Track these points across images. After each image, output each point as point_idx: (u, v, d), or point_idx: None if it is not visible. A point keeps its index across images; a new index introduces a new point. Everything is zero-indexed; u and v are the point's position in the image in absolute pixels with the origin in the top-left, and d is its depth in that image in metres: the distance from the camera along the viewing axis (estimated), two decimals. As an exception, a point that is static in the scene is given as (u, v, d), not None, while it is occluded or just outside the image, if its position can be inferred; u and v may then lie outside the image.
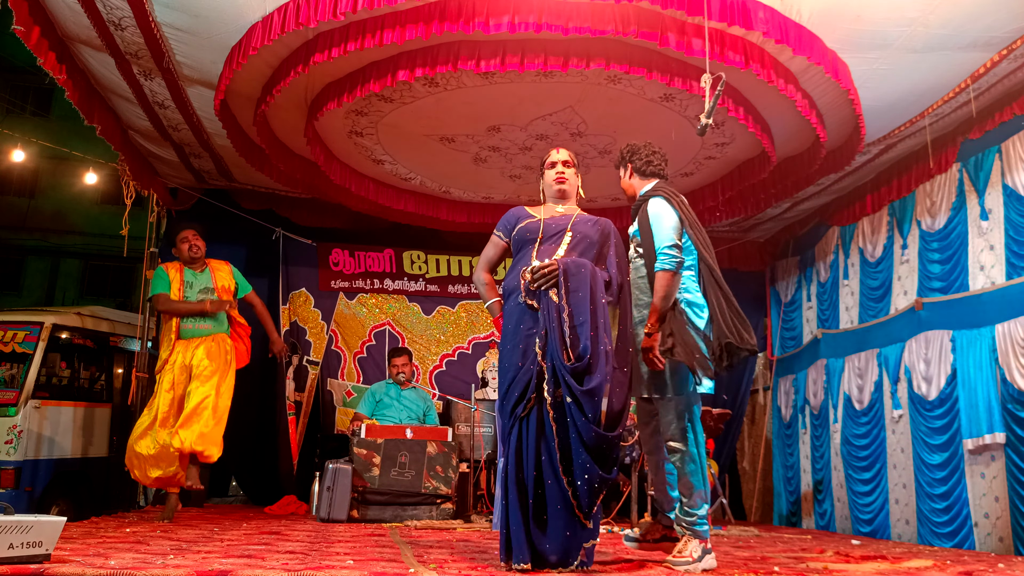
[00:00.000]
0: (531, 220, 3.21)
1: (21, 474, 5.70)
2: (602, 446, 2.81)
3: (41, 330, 6.13)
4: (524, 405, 2.91)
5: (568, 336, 2.87)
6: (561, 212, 3.25)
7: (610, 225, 3.22)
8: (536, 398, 2.91)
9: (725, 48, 4.22)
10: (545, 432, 2.88)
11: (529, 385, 2.92)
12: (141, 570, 2.51)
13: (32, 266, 15.39)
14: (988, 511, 4.92)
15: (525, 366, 2.95)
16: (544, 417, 2.89)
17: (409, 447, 5.55)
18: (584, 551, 2.88)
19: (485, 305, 3.30)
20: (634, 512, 5.62)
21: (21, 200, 15.08)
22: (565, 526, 2.83)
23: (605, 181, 6.63)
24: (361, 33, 4.23)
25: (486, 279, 3.29)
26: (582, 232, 3.12)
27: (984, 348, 4.99)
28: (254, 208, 7.34)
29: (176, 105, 5.36)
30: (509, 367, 2.99)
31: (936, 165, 5.59)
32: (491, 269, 3.31)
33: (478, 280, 3.33)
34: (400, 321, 7.64)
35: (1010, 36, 4.26)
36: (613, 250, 3.16)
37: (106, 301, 12.79)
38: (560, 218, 3.20)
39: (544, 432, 2.89)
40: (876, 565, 3.58)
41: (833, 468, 6.72)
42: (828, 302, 7.05)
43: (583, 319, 2.88)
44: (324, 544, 3.68)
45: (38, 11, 4.20)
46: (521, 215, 3.27)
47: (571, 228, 3.13)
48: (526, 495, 2.86)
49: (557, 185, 3.27)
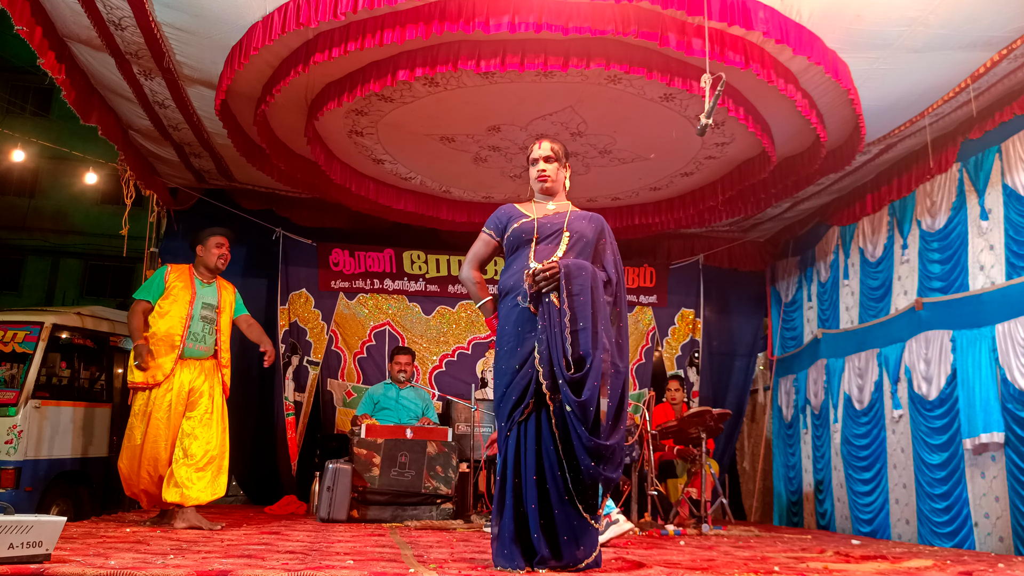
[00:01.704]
0: (525, 220, 3.11)
1: (21, 474, 5.70)
2: (602, 451, 2.79)
3: (41, 330, 6.13)
4: (523, 410, 2.87)
5: (568, 342, 2.83)
6: (553, 210, 3.16)
7: (603, 221, 3.16)
8: (535, 403, 2.87)
9: (725, 48, 4.22)
10: (543, 436, 2.85)
11: (528, 389, 2.88)
12: (141, 570, 2.51)
13: (32, 266, 15.38)
14: (988, 511, 4.92)
15: (523, 369, 2.90)
16: (543, 422, 2.86)
17: (409, 447, 5.55)
18: (590, 551, 2.85)
19: (477, 305, 3.20)
20: (634, 511, 5.62)
21: (21, 200, 15.07)
22: (569, 528, 2.80)
23: (605, 181, 6.65)
24: (361, 33, 4.24)
25: (476, 277, 3.20)
26: (579, 231, 3.06)
27: (984, 348, 4.99)
28: (254, 208, 7.35)
29: (176, 105, 5.37)
30: (506, 370, 2.95)
31: (936, 165, 5.59)
32: (480, 267, 3.22)
33: (467, 278, 3.22)
34: (400, 321, 7.64)
35: (1010, 36, 4.26)
36: (609, 247, 3.11)
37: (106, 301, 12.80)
38: (554, 216, 3.12)
39: (542, 436, 2.85)
40: (876, 565, 3.58)
41: (833, 468, 6.72)
42: (828, 302, 7.05)
43: (584, 324, 2.84)
44: (324, 544, 3.68)
45: (39, 11, 4.21)
46: (513, 214, 3.17)
47: (567, 227, 3.05)
48: (521, 499, 2.83)
49: (540, 183, 3.17)
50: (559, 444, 2.82)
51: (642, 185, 6.80)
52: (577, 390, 2.79)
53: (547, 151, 3.17)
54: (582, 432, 2.77)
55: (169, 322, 4.64)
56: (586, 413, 2.78)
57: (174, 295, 4.71)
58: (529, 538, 2.80)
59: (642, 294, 8.05)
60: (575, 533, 2.82)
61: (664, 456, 6.64)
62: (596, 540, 2.90)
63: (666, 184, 6.76)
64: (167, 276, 4.77)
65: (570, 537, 2.81)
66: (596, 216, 3.16)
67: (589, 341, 2.82)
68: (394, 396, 6.37)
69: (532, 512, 2.81)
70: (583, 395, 2.78)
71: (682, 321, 8.15)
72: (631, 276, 8.00)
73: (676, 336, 8.12)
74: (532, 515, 2.80)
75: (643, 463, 5.63)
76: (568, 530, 2.81)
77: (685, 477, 6.61)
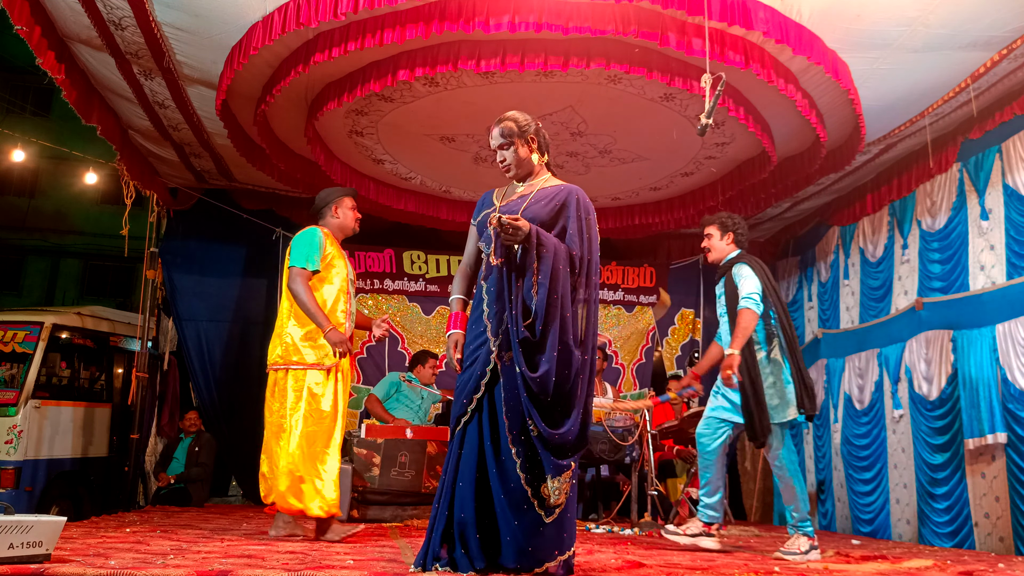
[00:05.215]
0: (489, 210, 2.91)
1: (21, 474, 5.70)
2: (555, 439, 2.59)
3: (41, 330, 6.13)
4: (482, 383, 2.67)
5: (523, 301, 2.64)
6: (519, 193, 2.92)
7: (570, 194, 2.82)
8: (491, 371, 2.66)
9: (725, 48, 4.22)
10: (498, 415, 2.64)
11: (485, 361, 2.68)
12: (141, 570, 2.50)
13: (32, 266, 15.38)
14: (988, 511, 4.92)
15: (484, 337, 2.70)
16: (496, 400, 2.66)
17: (409, 447, 5.54)
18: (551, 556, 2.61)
19: (448, 300, 3.01)
20: (634, 512, 5.62)
21: (21, 200, 15.06)
22: (524, 524, 2.58)
23: (605, 181, 6.64)
24: (361, 33, 4.24)
25: (461, 274, 2.99)
26: (532, 215, 2.77)
27: (985, 348, 4.98)
28: (254, 208, 7.35)
29: (176, 105, 5.37)
30: (470, 342, 2.77)
31: (936, 165, 5.59)
32: (471, 263, 2.98)
33: (455, 278, 3.02)
34: (400, 321, 7.64)
35: (1010, 35, 4.26)
36: (574, 221, 2.78)
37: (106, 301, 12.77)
38: (517, 201, 2.88)
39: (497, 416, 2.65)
40: (876, 565, 3.58)
41: (834, 468, 6.72)
42: (829, 302, 7.05)
43: (543, 284, 2.63)
44: (324, 544, 3.68)
45: (38, 11, 4.21)
46: (485, 201, 3.00)
47: (522, 213, 2.78)
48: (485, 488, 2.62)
49: (503, 172, 2.99)
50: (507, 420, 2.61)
51: (642, 185, 6.80)
52: (531, 357, 2.60)
53: (497, 140, 2.92)
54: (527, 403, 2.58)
55: (330, 296, 3.98)
56: (537, 386, 2.58)
57: (333, 263, 4.01)
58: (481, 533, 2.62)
59: (642, 294, 8.04)
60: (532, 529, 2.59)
61: (664, 456, 6.64)
62: (567, 546, 2.66)
63: (666, 184, 6.76)
64: (325, 240, 4.02)
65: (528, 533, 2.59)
66: (562, 190, 2.85)
67: (544, 305, 2.62)
68: (418, 389, 6.29)
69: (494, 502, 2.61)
70: (538, 369, 2.58)
71: (682, 321, 8.15)
72: (631, 276, 8.00)
73: (676, 336, 8.12)
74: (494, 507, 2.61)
75: (643, 463, 5.63)
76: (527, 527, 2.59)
77: (685, 477, 6.60)
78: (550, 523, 2.60)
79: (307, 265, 3.92)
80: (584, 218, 2.81)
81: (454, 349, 2.84)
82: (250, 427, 7.21)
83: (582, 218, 2.81)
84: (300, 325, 3.90)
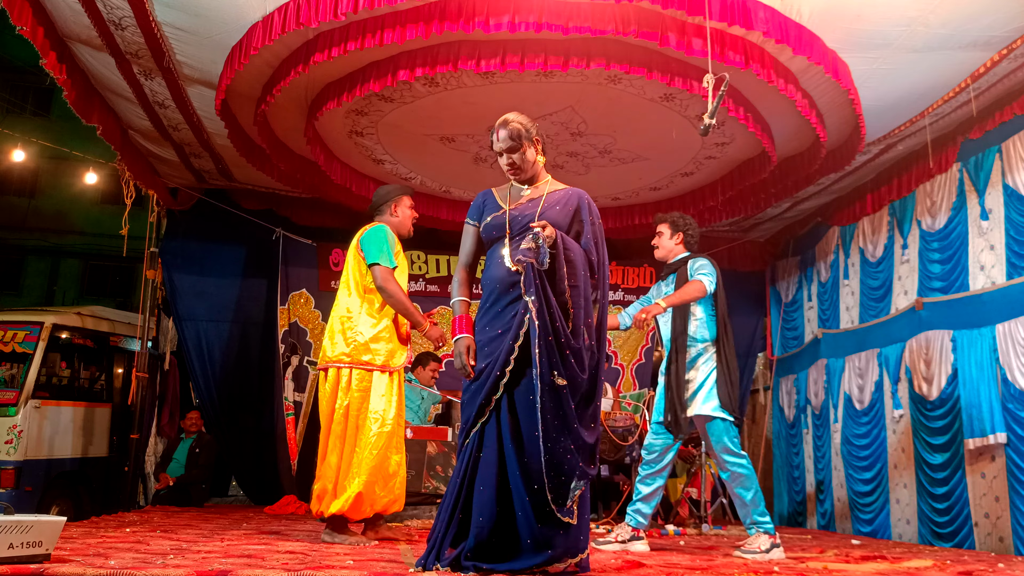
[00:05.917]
0: (496, 214, 2.90)
1: (21, 474, 5.70)
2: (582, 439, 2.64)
3: (41, 330, 6.14)
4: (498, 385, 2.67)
5: (556, 306, 2.66)
6: (527, 196, 2.91)
7: (580, 198, 2.88)
8: (511, 372, 2.65)
9: (725, 48, 4.22)
10: (520, 417, 2.64)
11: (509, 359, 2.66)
12: (141, 570, 2.51)
13: (32, 266, 15.37)
14: (988, 511, 4.92)
15: (506, 336, 2.68)
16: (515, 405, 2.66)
17: (409, 447, 5.53)
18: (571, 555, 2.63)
19: (450, 303, 2.97)
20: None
21: (21, 200, 15.06)
22: (547, 526, 2.59)
23: (605, 181, 6.64)
24: (361, 33, 4.24)
25: (460, 276, 2.98)
26: (550, 220, 2.79)
27: (985, 348, 4.98)
28: (254, 208, 7.34)
29: (176, 105, 5.36)
30: (485, 341, 2.76)
31: (936, 165, 5.59)
32: (470, 264, 3.00)
33: (454, 279, 3.00)
34: (400, 321, 7.63)
35: (1010, 35, 4.26)
36: (588, 229, 2.84)
37: (106, 301, 12.78)
38: (528, 205, 2.88)
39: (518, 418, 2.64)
40: (876, 565, 3.58)
41: (833, 468, 6.72)
42: (829, 302, 7.05)
43: (577, 296, 2.70)
44: (324, 544, 3.68)
45: (39, 11, 4.21)
46: (487, 203, 2.99)
47: (539, 218, 2.79)
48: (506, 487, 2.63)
49: (511, 175, 2.98)
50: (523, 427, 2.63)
51: (642, 185, 6.80)
52: (569, 364, 2.63)
53: (505, 142, 2.89)
54: (569, 411, 2.59)
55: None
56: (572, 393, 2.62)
57: (400, 263, 3.94)
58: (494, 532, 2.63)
59: (642, 294, 8.01)
60: (547, 529, 2.60)
61: (664, 456, 6.63)
62: (582, 547, 2.68)
63: (666, 184, 6.76)
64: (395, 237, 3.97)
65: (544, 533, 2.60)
66: (572, 194, 2.89)
67: (578, 308, 2.70)
68: (417, 388, 6.29)
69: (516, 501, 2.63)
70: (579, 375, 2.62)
71: (682, 321, 8.13)
72: (631, 276, 7.99)
73: (676, 336, 8.10)
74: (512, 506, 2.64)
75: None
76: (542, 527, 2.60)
77: (685, 477, 6.60)
78: (571, 525, 2.62)
79: (389, 263, 3.82)
80: (595, 222, 2.88)
81: (467, 355, 2.77)
82: (250, 427, 7.22)
83: (594, 223, 2.87)
84: (375, 324, 3.79)
